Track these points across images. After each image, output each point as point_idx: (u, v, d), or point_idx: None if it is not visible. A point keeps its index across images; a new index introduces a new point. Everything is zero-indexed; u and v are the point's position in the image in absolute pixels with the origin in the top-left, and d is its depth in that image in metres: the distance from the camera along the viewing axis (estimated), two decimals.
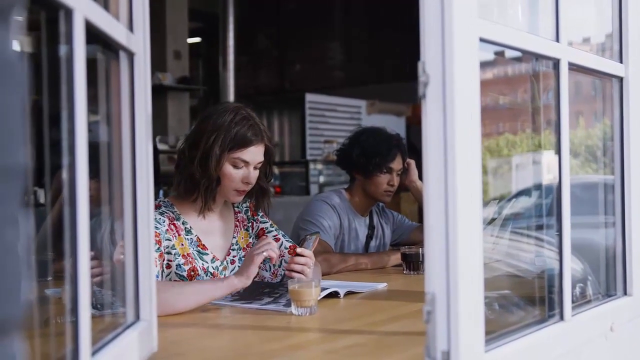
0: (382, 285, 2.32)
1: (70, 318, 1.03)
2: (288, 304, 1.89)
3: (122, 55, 1.32)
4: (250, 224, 2.39)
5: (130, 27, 1.34)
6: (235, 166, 2.17)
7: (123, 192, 1.35)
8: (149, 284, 1.38)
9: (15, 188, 0.55)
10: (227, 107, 2.22)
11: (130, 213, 1.35)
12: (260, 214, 2.42)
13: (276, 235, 2.37)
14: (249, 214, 2.40)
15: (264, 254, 1.97)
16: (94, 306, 1.25)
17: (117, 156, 1.34)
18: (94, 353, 1.07)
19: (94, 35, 1.11)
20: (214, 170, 2.14)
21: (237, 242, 2.33)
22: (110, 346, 1.17)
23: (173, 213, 2.20)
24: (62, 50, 1.00)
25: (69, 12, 0.98)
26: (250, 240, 2.36)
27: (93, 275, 1.33)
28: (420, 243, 2.90)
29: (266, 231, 2.38)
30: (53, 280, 1.46)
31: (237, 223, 2.36)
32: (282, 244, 2.33)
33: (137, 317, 1.36)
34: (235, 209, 2.38)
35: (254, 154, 2.19)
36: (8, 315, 0.54)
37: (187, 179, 2.18)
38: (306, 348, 1.56)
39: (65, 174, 1.00)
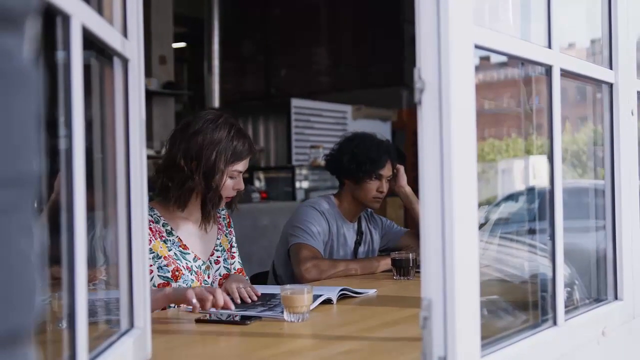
0: (372, 292, 2.33)
1: (62, 325, 1.02)
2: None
3: (116, 62, 1.31)
4: (228, 230, 2.49)
5: (125, 34, 1.33)
6: (232, 177, 2.27)
7: (117, 199, 1.34)
8: (143, 292, 1.37)
9: (29, 196, 0.54)
10: (217, 120, 2.27)
11: (124, 220, 1.34)
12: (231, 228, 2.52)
13: (234, 253, 2.49)
14: (226, 222, 2.49)
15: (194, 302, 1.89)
16: None
17: (111, 162, 1.34)
18: None
19: (89, 41, 1.10)
20: (219, 186, 2.23)
21: (220, 243, 2.41)
22: (106, 354, 1.16)
23: (152, 216, 2.24)
24: (59, 55, 1.00)
25: (66, 18, 0.97)
26: (229, 245, 2.46)
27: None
28: (409, 248, 2.90)
29: (232, 246, 2.49)
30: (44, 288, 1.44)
31: (220, 226, 2.44)
32: (218, 269, 2.41)
33: (132, 324, 1.35)
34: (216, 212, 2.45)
35: (247, 163, 2.31)
36: (23, 324, 0.54)
37: (186, 193, 2.23)
38: (301, 354, 1.56)
39: (61, 180, 0.99)
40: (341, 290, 2.17)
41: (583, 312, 1.67)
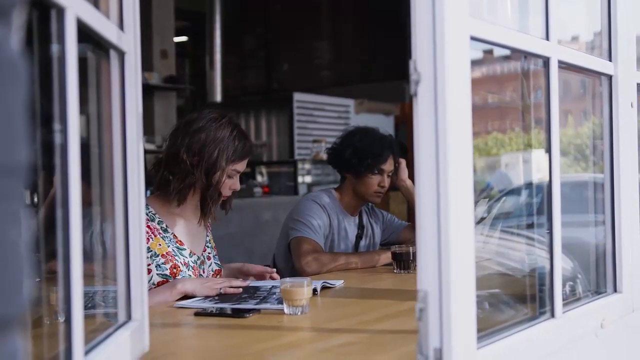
0: (340, 282, 2.36)
1: (60, 318, 1.02)
2: (280, 301, 1.88)
3: (113, 55, 1.31)
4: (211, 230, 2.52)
5: (121, 26, 1.33)
6: (230, 176, 2.29)
7: (114, 193, 1.34)
8: (140, 284, 1.37)
9: (18, 186, 0.55)
10: (220, 119, 2.29)
11: (121, 213, 1.35)
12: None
13: (216, 253, 2.50)
14: (209, 221, 2.50)
15: (221, 291, 2.11)
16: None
17: (108, 156, 1.34)
18: (86, 352, 1.06)
19: (85, 34, 1.10)
20: (219, 183, 2.25)
21: (209, 240, 2.44)
22: (103, 346, 1.17)
23: (147, 214, 2.24)
24: (54, 49, 1.00)
25: (60, 11, 0.97)
26: (214, 243, 2.49)
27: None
28: (410, 242, 2.90)
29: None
30: (42, 282, 1.44)
31: (209, 224, 2.47)
32: (210, 264, 2.42)
33: (129, 317, 1.35)
34: None
35: (245, 164, 2.34)
36: (11, 313, 0.54)
37: (186, 187, 2.25)
38: (299, 347, 1.56)
39: (57, 175, 0.99)
40: (322, 286, 2.20)
41: (581, 304, 1.67)
